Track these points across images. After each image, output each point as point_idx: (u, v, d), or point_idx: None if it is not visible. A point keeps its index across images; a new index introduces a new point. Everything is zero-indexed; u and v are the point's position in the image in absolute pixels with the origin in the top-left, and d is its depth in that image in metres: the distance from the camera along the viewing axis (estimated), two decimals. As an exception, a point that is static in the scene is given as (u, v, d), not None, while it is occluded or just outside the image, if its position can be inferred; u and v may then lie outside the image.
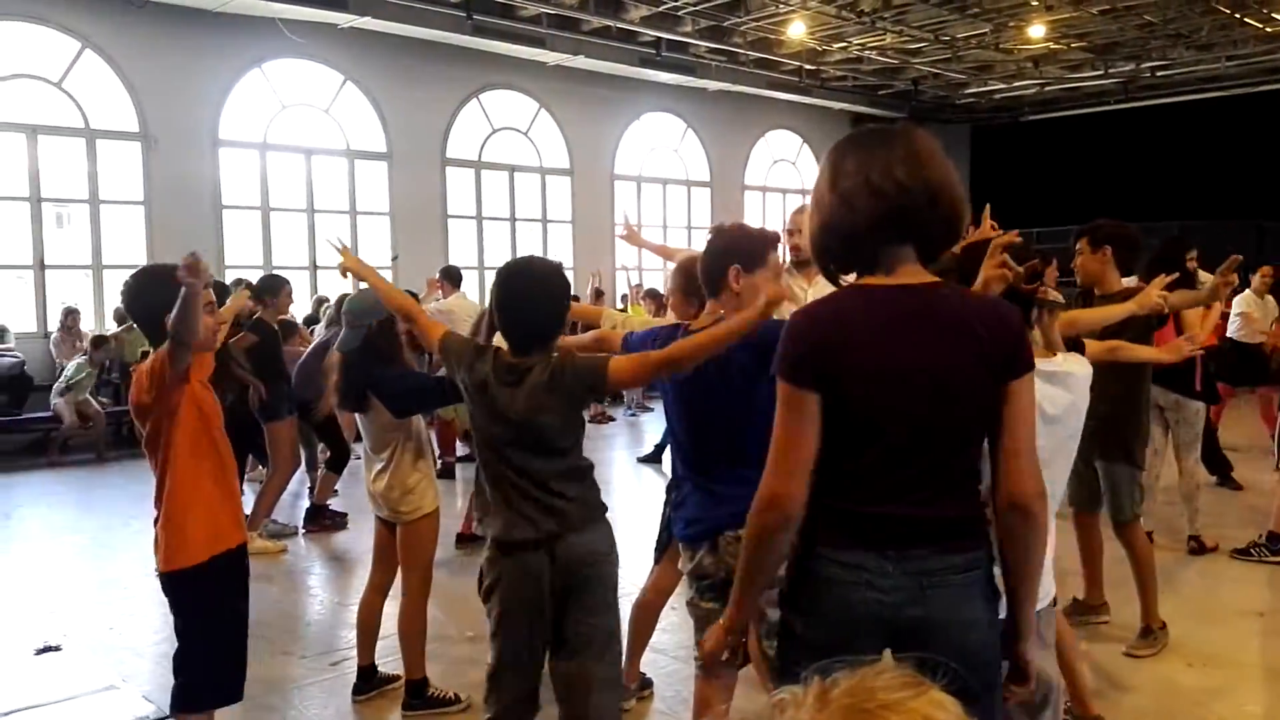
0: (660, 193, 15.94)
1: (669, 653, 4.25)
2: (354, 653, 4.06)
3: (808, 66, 14.95)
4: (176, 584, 2.95)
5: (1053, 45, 14.09)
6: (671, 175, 16.06)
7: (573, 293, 2.93)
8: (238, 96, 11.58)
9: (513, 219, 14.16)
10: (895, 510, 1.82)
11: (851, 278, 1.93)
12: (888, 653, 0.86)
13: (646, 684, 3.95)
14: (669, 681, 4.02)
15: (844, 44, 14.14)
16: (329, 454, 6.86)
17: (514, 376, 2.66)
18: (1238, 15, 12.49)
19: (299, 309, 9.85)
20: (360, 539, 5.91)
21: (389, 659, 4.04)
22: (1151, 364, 4.26)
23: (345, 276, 3.33)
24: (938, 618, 1.81)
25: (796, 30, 13.32)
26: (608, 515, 2.81)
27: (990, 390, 1.83)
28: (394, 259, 11.89)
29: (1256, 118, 14.86)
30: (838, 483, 1.85)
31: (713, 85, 14.95)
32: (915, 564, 1.81)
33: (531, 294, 2.70)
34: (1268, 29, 13.04)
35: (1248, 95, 15.27)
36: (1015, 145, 17.73)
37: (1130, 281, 4.39)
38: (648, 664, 4.00)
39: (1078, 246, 4.33)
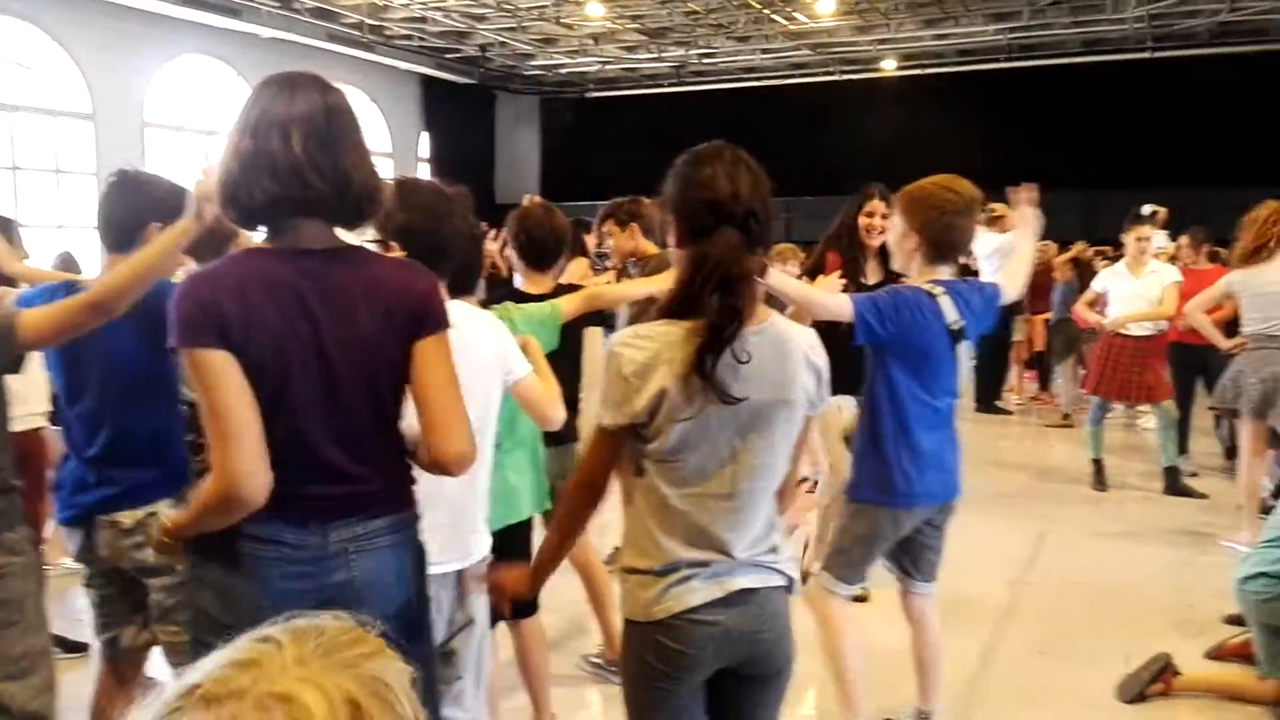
0: (206, 145, 14.39)
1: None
2: None
3: (370, 22, 14.22)
4: None
5: (610, 25, 14.59)
6: (219, 127, 14.55)
7: None
8: None
9: (14, 168, 12.01)
10: (314, 489, 1.78)
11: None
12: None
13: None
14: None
15: (406, 1, 13.61)
16: None
17: None
18: (766, 11, 13.69)
19: None
20: None
21: None
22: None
23: None
24: (365, 580, 1.82)
25: (355, -19, 12.58)
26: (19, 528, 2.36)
27: (399, 354, 1.83)
28: None
29: (787, 108, 16.46)
30: None
31: (264, 32, 13.71)
32: (339, 532, 1.80)
33: None
34: (792, 26, 14.45)
35: (780, 86, 16.92)
36: (582, 119, 18.26)
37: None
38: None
39: (604, 229, 4.53)
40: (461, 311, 2.36)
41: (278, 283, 1.73)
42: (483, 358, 2.34)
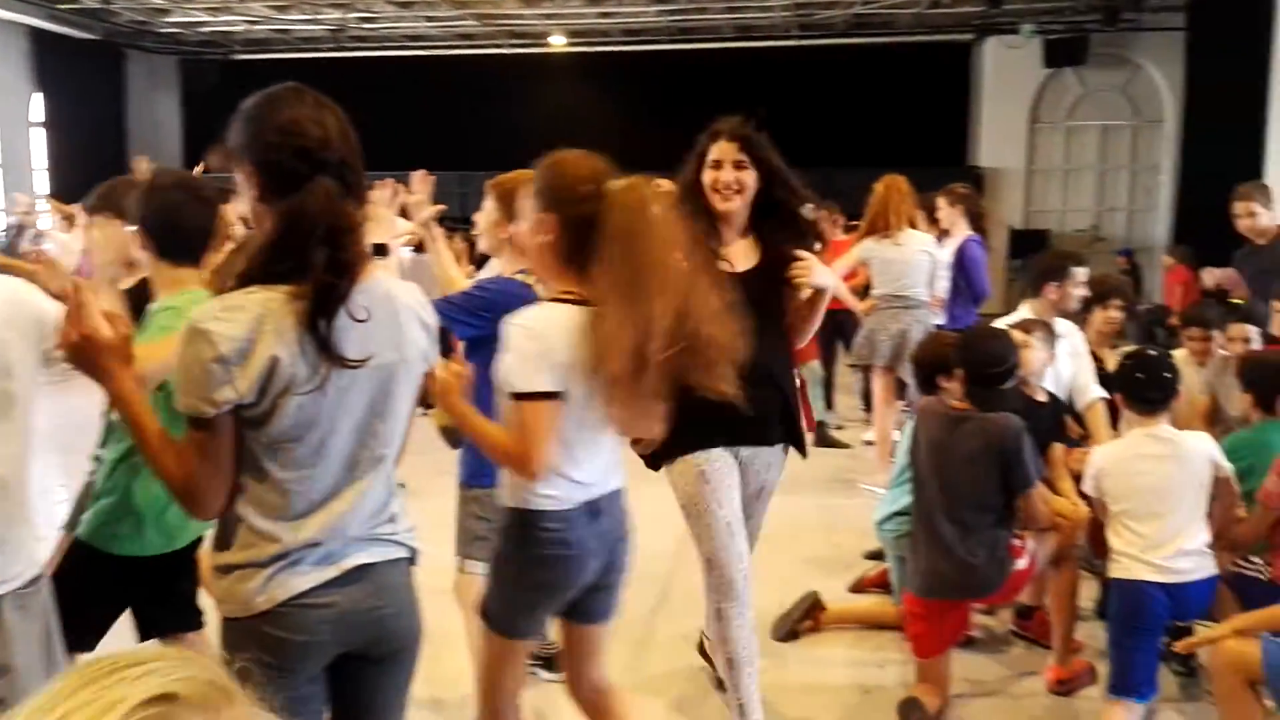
0: None
1: None
2: None
3: (-40, -42, 12.20)
4: None
5: (257, -21, 13.47)
6: None
7: None
8: None
9: None
10: None
11: None
12: None
13: None
14: None
15: (6, -63, 11.80)
16: None
17: None
18: (428, -24, 13.21)
19: None
20: None
21: None
22: None
23: None
24: None
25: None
26: None
27: None
28: None
29: (456, 80, 15.99)
30: None
31: None
32: None
33: None
34: (456, -5, 14.04)
35: (447, 57, 16.41)
36: (229, 82, 16.73)
37: None
38: None
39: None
40: None
41: None
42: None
